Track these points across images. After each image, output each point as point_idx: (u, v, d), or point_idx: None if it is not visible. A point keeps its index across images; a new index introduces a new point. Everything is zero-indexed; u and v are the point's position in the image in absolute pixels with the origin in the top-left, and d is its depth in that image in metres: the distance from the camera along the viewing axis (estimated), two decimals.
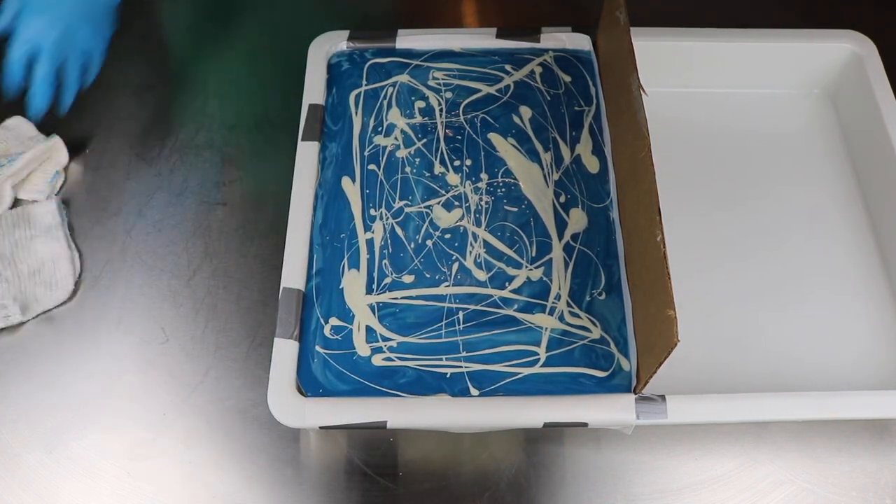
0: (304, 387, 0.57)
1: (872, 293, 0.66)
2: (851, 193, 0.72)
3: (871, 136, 0.71)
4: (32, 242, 0.67)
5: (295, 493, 0.58)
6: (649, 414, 0.55)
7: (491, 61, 0.74)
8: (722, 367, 0.62)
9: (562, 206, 0.66)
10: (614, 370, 0.58)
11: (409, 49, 0.75)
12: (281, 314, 0.59)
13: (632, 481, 0.58)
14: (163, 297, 0.66)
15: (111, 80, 0.79)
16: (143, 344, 0.64)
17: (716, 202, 0.71)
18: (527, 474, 0.59)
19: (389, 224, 0.65)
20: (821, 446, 0.60)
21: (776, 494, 0.58)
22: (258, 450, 0.60)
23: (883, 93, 0.71)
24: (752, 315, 0.65)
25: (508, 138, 0.70)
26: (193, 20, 0.85)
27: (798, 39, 0.75)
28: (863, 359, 0.63)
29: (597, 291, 0.61)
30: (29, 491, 0.58)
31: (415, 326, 0.60)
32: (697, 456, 0.60)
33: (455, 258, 0.63)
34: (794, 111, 0.77)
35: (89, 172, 0.73)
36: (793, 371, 0.62)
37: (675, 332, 0.48)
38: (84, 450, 0.60)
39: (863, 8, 0.85)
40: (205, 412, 0.61)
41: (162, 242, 0.69)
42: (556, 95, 0.72)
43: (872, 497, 0.58)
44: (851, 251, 0.68)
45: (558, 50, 0.75)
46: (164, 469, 0.59)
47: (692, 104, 0.77)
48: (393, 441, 0.60)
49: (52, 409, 0.61)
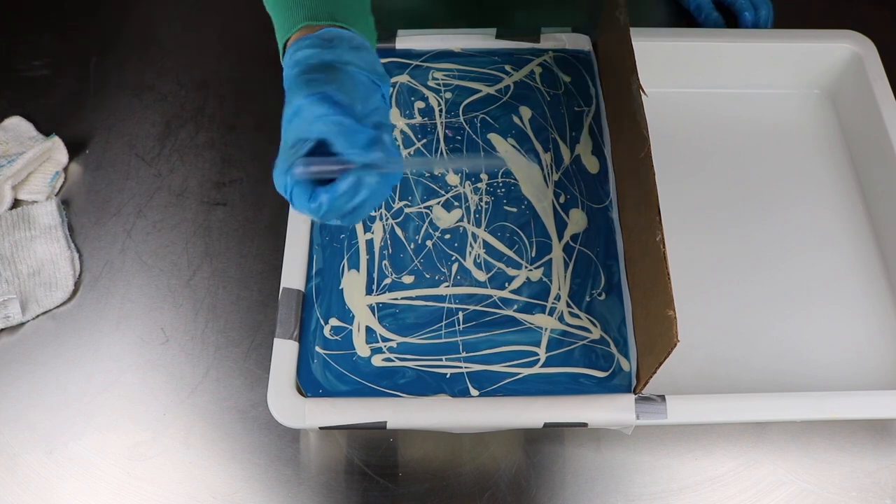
0: (303, 387, 0.57)
1: (872, 293, 0.66)
2: (851, 194, 0.71)
3: (871, 136, 0.71)
4: (32, 243, 0.67)
5: (295, 493, 0.58)
6: (649, 414, 0.55)
7: (491, 61, 0.74)
8: (722, 367, 0.62)
9: (562, 206, 0.66)
10: (614, 370, 0.58)
11: (409, 49, 0.75)
12: (281, 314, 0.59)
13: (632, 481, 0.58)
14: (163, 298, 0.66)
15: (111, 80, 0.80)
16: (142, 344, 0.64)
17: (716, 202, 0.71)
18: (527, 474, 0.59)
19: (389, 224, 0.65)
20: (821, 446, 0.60)
21: (776, 494, 0.58)
22: (258, 450, 0.60)
23: (883, 93, 0.71)
24: (752, 315, 0.64)
25: (508, 139, 0.70)
26: (193, 20, 0.85)
27: (798, 39, 0.75)
28: (863, 359, 0.63)
29: (596, 292, 0.61)
30: (29, 491, 0.58)
31: (414, 327, 0.60)
32: (697, 456, 0.60)
33: (455, 258, 0.63)
34: (794, 111, 0.77)
35: (89, 172, 0.73)
36: (793, 371, 0.62)
37: (675, 332, 0.48)
38: (84, 450, 0.60)
39: (863, 8, 0.85)
40: (205, 412, 0.61)
41: (162, 242, 0.69)
42: (555, 96, 0.72)
43: (872, 497, 0.58)
44: (851, 251, 0.68)
45: (558, 50, 0.75)
46: (164, 469, 0.59)
47: (692, 104, 0.76)
48: (393, 441, 0.60)
49: (52, 409, 0.61)
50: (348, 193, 0.45)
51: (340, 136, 0.45)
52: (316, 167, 0.45)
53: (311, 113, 0.46)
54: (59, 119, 0.76)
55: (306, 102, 0.46)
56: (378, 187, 0.46)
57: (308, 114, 0.46)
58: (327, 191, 0.45)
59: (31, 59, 0.80)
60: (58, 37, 0.82)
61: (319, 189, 0.46)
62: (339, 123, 0.45)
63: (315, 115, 0.46)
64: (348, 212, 0.46)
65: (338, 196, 0.45)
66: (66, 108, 0.77)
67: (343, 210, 0.46)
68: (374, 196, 0.46)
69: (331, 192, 0.45)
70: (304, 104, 0.46)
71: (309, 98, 0.46)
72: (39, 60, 0.80)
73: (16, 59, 0.80)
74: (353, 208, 0.46)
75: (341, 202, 0.46)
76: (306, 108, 0.46)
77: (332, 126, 0.45)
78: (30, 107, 0.76)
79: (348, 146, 0.45)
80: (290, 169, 0.45)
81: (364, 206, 0.46)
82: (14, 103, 0.76)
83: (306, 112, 0.46)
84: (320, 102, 0.45)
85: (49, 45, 0.82)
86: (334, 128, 0.45)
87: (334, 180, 0.45)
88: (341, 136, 0.45)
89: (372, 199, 0.46)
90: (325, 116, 0.45)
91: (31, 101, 0.77)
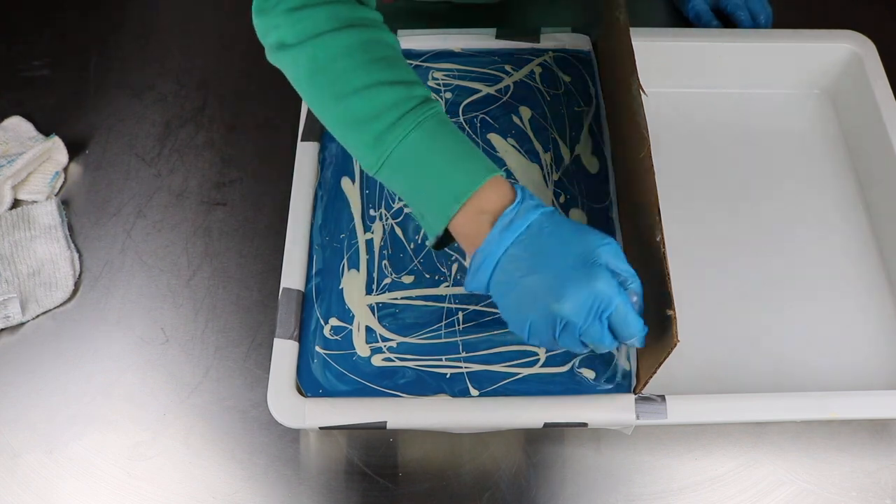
0: (303, 387, 0.57)
1: (872, 293, 0.66)
2: (851, 193, 0.71)
3: (871, 136, 0.71)
4: (32, 243, 0.67)
5: (295, 493, 0.58)
6: (649, 414, 0.55)
7: (491, 61, 0.74)
8: (722, 367, 0.62)
9: (562, 206, 0.66)
10: (614, 370, 0.58)
11: (409, 49, 0.75)
12: (281, 314, 0.59)
13: (632, 481, 0.58)
14: (163, 297, 0.66)
15: (111, 80, 0.80)
16: (142, 344, 0.64)
17: (716, 202, 0.71)
18: (527, 474, 0.59)
19: (389, 224, 0.65)
20: (821, 446, 0.60)
21: (776, 494, 0.58)
22: (258, 450, 0.59)
23: (883, 93, 0.71)
24: (752, 315, 0.64)
25: (508, 139, 0.70)
26: (193, 20, 0.85)
27: (798, 39, 0.75)
28: (863, 359, 0.63)
29: None
30: (29, 491, 0.58)
31: (414, 327, 0.60)
32: (697, 456, 0.60)
33: (455, 258, 0.63)
34: (794, 111, 0.77)
35: (89, 172, 0.73)
36: (793, 371, 0.62)
37: (675, 332, 0.48)
38: (84, 450, 0.60)
39: (863, 8, 0.85)
40: (205, 412, 0.61)
41: (162, 242, 0.69)
42: (555, 96, 0.72)
43: (872, 497, 0.58)
44: (851, 251, 0.68)
45: (558, 50, 0.75)
46: (164, 469, 0.59)
47: (692, 104, 0.76)
48: (393, 441, 0.60)
49: (52, 409, 0.61)
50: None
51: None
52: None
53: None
54: (59, 119, 0.76)
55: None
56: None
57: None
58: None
59: (31, 59, 0.80)
60: (58, 37, 0.82)
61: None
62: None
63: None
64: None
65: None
66: (66, 108, 0.77)
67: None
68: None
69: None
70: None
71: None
72: (39, 60, 0.80)
73: (16, 59, 0.80)
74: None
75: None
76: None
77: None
78: (30, 107, 0.76)
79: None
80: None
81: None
82: (14, 103, 0.76)
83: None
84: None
85: (49, 45, 0.82)
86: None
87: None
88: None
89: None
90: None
91: (31, 101, 0.77)
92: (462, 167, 0.49)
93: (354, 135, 0.51)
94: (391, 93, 0.49)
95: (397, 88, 0.49)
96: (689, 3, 0.81)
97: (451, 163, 0.49)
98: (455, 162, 0.49)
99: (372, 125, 0.49)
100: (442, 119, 0.51)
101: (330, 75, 0.50)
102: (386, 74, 0.50)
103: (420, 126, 0.49)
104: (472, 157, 0.50)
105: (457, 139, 0.50)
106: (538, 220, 0.48)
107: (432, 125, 0.50)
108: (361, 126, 0.50)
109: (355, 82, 0.49)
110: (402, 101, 0.49)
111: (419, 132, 0.49)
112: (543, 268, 0.47)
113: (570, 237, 0.48)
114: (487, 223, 0.48)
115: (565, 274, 0.46)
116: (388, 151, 0.49)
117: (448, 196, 0.49)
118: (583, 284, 0.46)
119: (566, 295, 0.46)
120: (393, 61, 0.51)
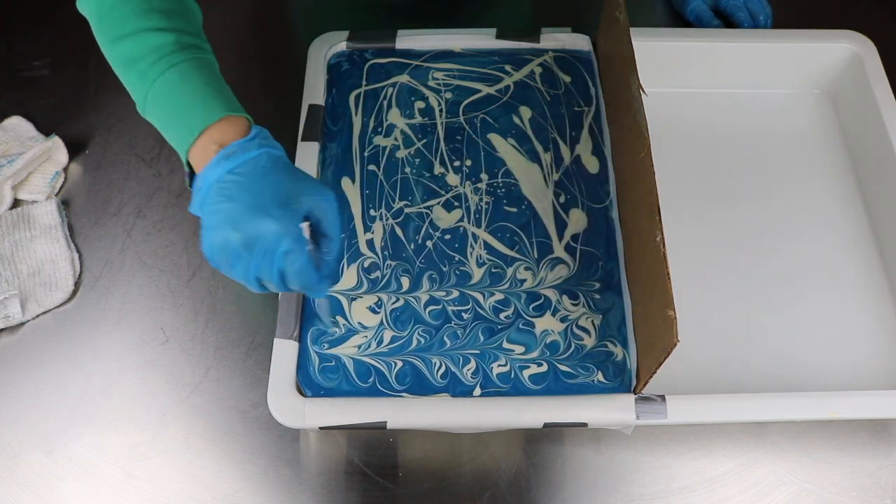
0: (303, 387, 0.57)
1: (872, 293, 0.66)
2: (851, 193, 0.72)
3: (871, 136, 0.71)
4: (32, 243, 0.67)
5: (295, 494, 0.58)
6: (649, 414, 0.55)
7: (491, 61, 0.74)
8: (722, 367, 0.62)
9: (562, 206, 0.66)
10: (614, 370, 0.58)
11: (409, 49, 0.75)
12: (281, 314, 0.59)
13: (632, 481, 0.58)
14: (163, 297, 0.66)
15: (111, 80, 0.79)
16: (142, 344, 0.64)
17: (716, 202, 0.71)
18: (527, 474, 0.59)
19: (389, 224, 0.65)
20: (821, 446, 0.60)
21: (776, 494, 0.58)
22: (258, 450, 0.60)
23: (883, 93, 0.71)
24: (752, 315, 0.64)
25: (508, 139, 0.70)
26: None
27: (798, 39, 0.75)
28: (863, 359, 0.63)
29: (596, 292, 0.61)
30: (29, 491, 0.58)
31: (415, 326, 0.60)
32: (697, 456, 0.60)
33: (455, 259, 0.63)
34: (794, 111, 0.77)
35: (89, 172, 0.73)
36: (793, 371, 0.62)
37: (675, 332, 0.48)
38: (84, 450, 0.60)
39: (863, 8, 0.85)
40: (205, 412, 0.61)
41: (162, 242, 0.69)
42: (555, 96, 0.72)
43: (872, 497, 0.58)
44: (851, 251, 0.68)
45: (558, 50, 0.75)
46: (164, 469, 0.59)
47: (692, 104, 0.76)
48: (393, 441, 0.60)
49: (52, 409, 0.61)
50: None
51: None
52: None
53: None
54: (59, 119, 0.76)
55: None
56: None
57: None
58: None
59: (31, 59, 0.80)
60: (58, 37, 0.82)
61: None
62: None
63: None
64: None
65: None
66: (66, 108, 0.77)
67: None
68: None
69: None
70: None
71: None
72: (39, 60, 0.80)
73: (16, 59, 0.80)
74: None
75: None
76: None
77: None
78: (30, 107, 0.76)
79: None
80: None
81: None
82: (14, 103, 0.76)
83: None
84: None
85: (49, 45, 0.82)
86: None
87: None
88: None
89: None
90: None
91: (31, 101, 0.77)
92: (203, 104, 0.52)
93: (125, 76, 0.54)
94: (158, 37, 0.52)
95: (166, 34, 0.53)
96: (688, 6, 0.81)
97: (195, 100, 0.52)
98: (199, 100, 0.52)
99: (137, 65, 0.53)
100: (203, 64, 0.53)
101: (110, 21, 0.54)
102: (158, 23, 0.53)
103: (175, 67, 0.52)
104: (216, 97, 0.53)
105: (208, 81, 0.53)
106: (259, 155, 0.51)
107: (187, 67, 0.52)
108: (129, 66, 0.53)
109: (128, 27, 0.53)
110: (166, 46, 0.52)
111: (173, 72, 0.52)
112: (241, 199, 0.49)
113: (284, 180, 0.50)
114: (215, 153, 0.50)
115: (255, 208, 0.48)
116: (145, 90, 0.53)
117: (186, 129, 0.52)
118: (259, 221, 0.48)
119: (240, 227, 0.48)
120: (172, 14, 0.54)
